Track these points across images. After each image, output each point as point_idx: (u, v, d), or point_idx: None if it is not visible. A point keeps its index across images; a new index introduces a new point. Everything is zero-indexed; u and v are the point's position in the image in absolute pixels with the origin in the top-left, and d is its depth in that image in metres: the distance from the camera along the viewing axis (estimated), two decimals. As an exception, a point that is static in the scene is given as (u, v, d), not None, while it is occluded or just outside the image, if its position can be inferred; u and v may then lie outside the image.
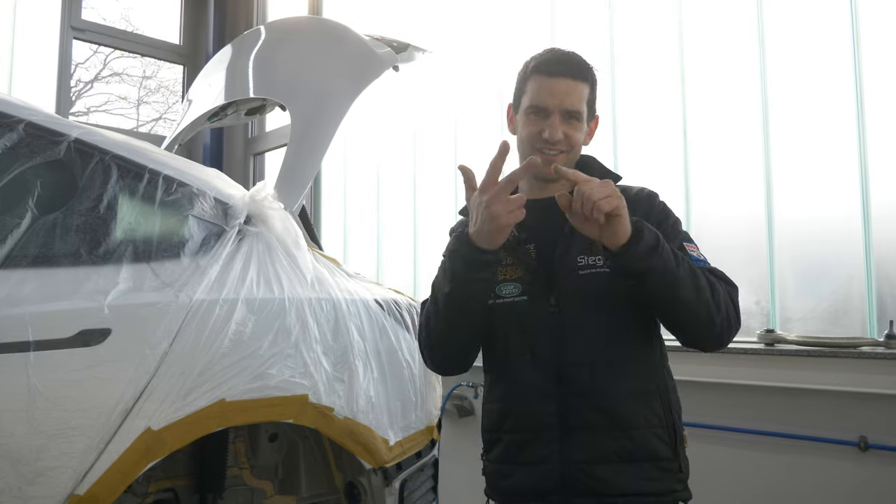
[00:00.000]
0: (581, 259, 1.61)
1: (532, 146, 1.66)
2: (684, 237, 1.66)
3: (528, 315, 1.63)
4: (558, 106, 1.62)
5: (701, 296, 1.49)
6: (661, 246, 1.45)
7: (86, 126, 2.03)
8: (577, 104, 1.64)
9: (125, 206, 1.99)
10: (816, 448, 2.71)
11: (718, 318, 1.51)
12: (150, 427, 1.71)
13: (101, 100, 6.75)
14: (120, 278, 1.81)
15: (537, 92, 1.65)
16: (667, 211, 1.70)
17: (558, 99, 1.62)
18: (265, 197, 2.33)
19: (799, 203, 2.95)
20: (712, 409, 2.93)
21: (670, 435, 1.61)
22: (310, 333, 2.08)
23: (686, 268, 1.48)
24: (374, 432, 2.17)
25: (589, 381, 1.58)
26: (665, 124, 3.34)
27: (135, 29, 6.04)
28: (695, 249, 1.64)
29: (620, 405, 1.57)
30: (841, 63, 2.83)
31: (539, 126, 1.64)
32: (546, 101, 1.63)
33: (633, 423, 1.57)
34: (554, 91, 1.63)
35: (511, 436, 1.66)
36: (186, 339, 1.82)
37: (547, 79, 1.64)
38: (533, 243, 1.66)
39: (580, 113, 1.65)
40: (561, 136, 1.62)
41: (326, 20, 3.18)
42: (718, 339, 1.57)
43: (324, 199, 5.22)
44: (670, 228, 1.64)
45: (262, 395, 1.92)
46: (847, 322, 2.80)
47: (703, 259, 1.64)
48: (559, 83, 1.63)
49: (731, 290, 1.60)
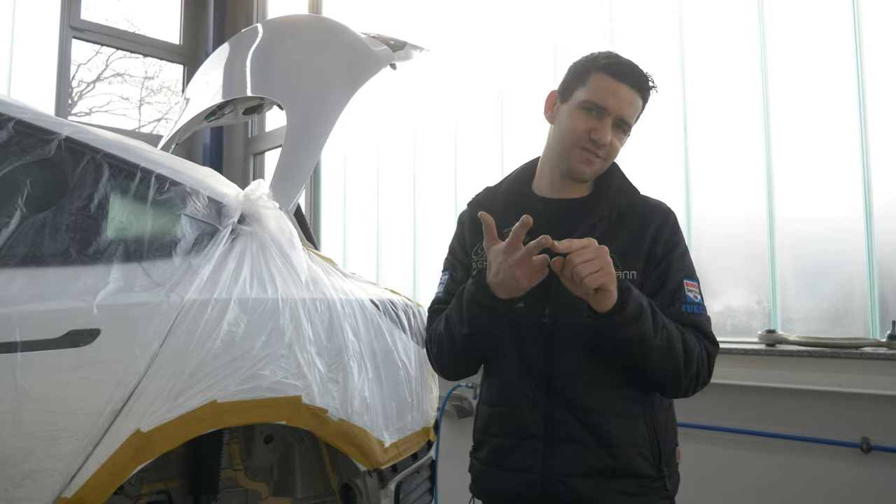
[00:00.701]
0: None
1: (574, 143, 1.62)
2: (687, 273, 1.64)
3: (522, 322, 1.62)
4: (617, 111, 1.59)
5: (672, 362, 1.51)
6: (642, 317, 1.45)
7: (77, 124, 2.01)
8: (631, 116, 1.62)
9: (117, 205, 1.97)
10: (818, 450, 2.69)
11: (686, 379, 1.55)
12: (139, 429, 1.68)
13: (104, 100, 6.76)
14: (110, 278, 1.79)
15: (600, 90, 1.60)
16: (677, 239, 1.67)
17: (619, 104, 1.59)
18: (260, 196, 2.31)
19: (800, 201, 2.92)
20: (712, 409, 2.90)
21: (654, 454, 1.59)
22: (304, 334, 2.06)
23: (663, 338, 1.49)
24: (369, 434, 2.15)
25: (576, 395, 1.58)
26: (665, 122, 3.31)
27: (137, 30, 6.03)
28: (694, 288, 1.64)
29: (605, 422, 1.57)
30: (843, 60, 2.81)
31: (591, 124, 1.60)
32: (607, 102, 1.59)
33: (617, 441, 1.56)
34: (618, 95, 1.59)
35: (497, 440, 1.66)
36: (177, 340, 1.80)
37: (614, 81, 1.60)
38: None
39: (630, 126, 1.64)
40: (608, 142, 1.60)
41: (324, 18, 3.16)
42: (682, 395, 1.61)
43: (323, 199, 5.20)
44: (677, 260, 1.63)
45: (255, 397, 1.89)
46: (849, 322, 2.78)
47: (700, 303, 1.63)
48: (624, 90, 1.60)
49: (710, 348, 1.60)
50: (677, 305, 1.59)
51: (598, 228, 1.60)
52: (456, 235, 1.83)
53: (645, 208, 1.67)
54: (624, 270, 1.59)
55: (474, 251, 1.74)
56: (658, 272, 1.61)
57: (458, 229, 1.83)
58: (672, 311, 1.58)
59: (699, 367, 1.55)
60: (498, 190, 1.80)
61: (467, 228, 1.79)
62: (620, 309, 1.41)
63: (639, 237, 1.62)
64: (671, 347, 1.50)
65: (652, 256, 1.62)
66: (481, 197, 1.82)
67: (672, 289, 1.61)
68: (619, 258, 1.57)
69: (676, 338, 1.51)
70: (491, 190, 1.82)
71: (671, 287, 1.61)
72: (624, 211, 1.65)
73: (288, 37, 3.06)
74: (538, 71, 3.85)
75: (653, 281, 1.61)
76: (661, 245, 1.62)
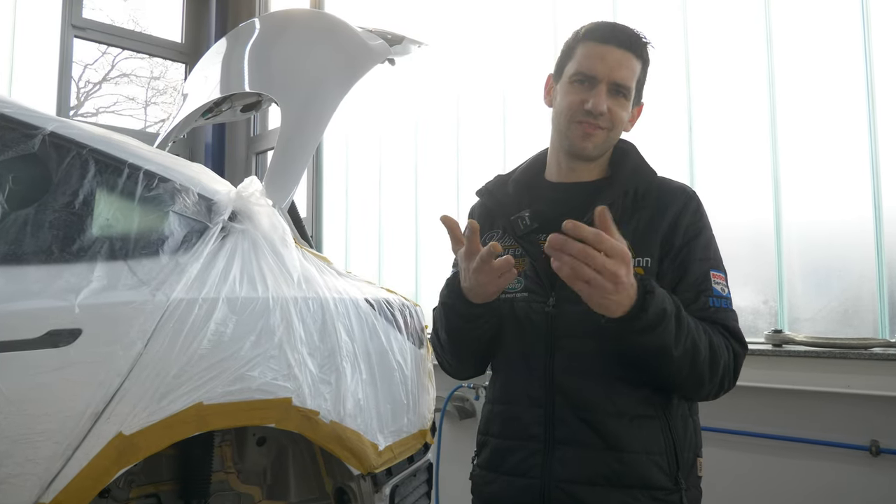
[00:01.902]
0: None
1: (571, 118, 1.53)
2: (714, 264, 1.52)
3: (525, 313, 1.54)
4: (607, 76, 1.49)
5: (694, 371, 1.39)
6: (663, 324, 1.31)
7: (62, 119, 1.96)
8: (627, 78, 1.51)
9: (102, 202, 1.92)
10: (826, 453, 2.64)
11: (709, 386, 1.43)
12: (121, 432, 1.63)
13: (110, 101, 6.78)
14: (94, 276, 1.74)
15: (586, 58, 1.52)
16: (701, 225, 1.54)
17: (608, 68, 1.49)
18: (252, 193, 2.26)
19: (808, 198, 2.88)
20: (716, 411, 2.79)
21: (671, 464, 1.46)
22: (295, 334, 2.00)
23: (687, 346, 1.35)
24: (363, 437, 2.09)
25: (579, 392, 1.47)
26: (670, 124, 3.26)
27: (143, 29, 6.02)
28: (721, 280, 1.51)
29: (613, 424, 1.45)
30: (851, 57, 2.76)
31: (583, 95, 1.50)
32: (595, 69, 1.50)
33: (628, 446, 1.44)
34: (605, 58, 1.50)
35: (496, 441, 1.57)
36: (162, 340, 1.75)
37: (600, 45, 1.51)
38: (544, 234, 1.54)
39: (629, 89, 1.53)
40: (605, 110, 1.49)
41: (320, 13, 3.12)
42: (702, 399, 1.51)
43: (325, 194, 5.16)
44: (700, 248, 1.51)
45: (243, 398, 1.83)
46: (858, 322, 2.73)
47: (727, 296, 1.51)
48: (612, 52, 1.50)
49: (738, 351, 1.48)
50: (703, 299, 1.47)
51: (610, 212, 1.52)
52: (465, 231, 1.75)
53: (663, 191, 1.56)
54: (637, 257, 1.46)
55: (482, 241, 1.66)
56: (678, 262, 1.50)
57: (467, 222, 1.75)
58: (697, 307, 1.46)
59: (724, 374, 1.44)
60: (510, 178, 1.72)
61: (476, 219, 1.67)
62: (639, 314, 1.28)
63: (655, 222, 1.51)
64: (695, 356, 1.37)
65: (669, 244, 1.50)
66: (492, 185, 1.73)
67: (696, 280, 1.48)
68: (632, 244, 1.44)
69: (703, 344, 1.38)
70: (503, 178, 1.73)
71: (695, 278, 1.49)
72: (640, 193, 1.55)
73: (284, 32, 3.00)
74: (541, 65, 3.79)
75: (672, 271, 1.49)
76: (680, 232, 1.51)
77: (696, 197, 1.58)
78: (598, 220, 1.22)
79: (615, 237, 1.22)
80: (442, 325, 1.58)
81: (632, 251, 1.46)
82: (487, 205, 1.70)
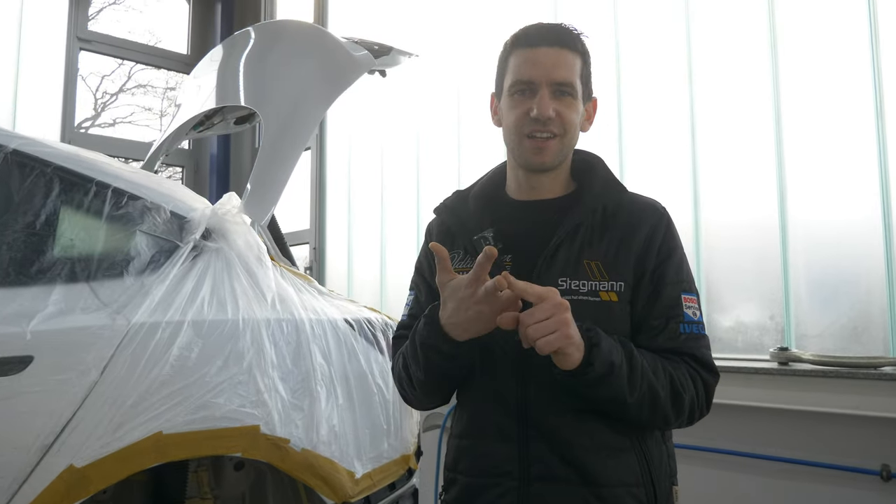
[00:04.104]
0: (563, 282, 1.39)
1: (520, 132, 1.43)
2: (685, 286, 1.44)
3: (494, 342, 1.42)
4: (546, 78, 1.40)
5: (656, 412, 1.34)
6: (612, 376, 1.28)
7: (26, 137, 1.91)
8: (568, 75, 1.41)
9: (66, 222, 1.87)
10: (834, 476, 2.52)
11: (676, 421, 1.38)
12: (72, 464, 1.56)
13: (127, 111, 6.81)
14: (50, 300, 1.68)
15: (520, 65, 1.42)
16: (672, 244, 1.46)
17: (544, 70, 1.40)
18: (228, 210, 2.19)
19: (814, 211, 2.77)
20: (720, 431, 2.75)
21: (649, 494, 1.38)
22: (266, 358, 1.93)
23: (643, 392, 1.31)
24: (337, 465, 2.00)
25: (554, 426, 1.37)
26: (672, 125, 3.16)
27: (157, 42, 6.03)
28: (693, 304, 1.44)
29: (590, 458, 1.37)
30: (858, 56, 2.65)
31: (526, 105, 1.41)
32: (531, 74, 1.40)
33: (605, 480, 1.36)
34: (539, 61, 1.40)
35: (466, 478, 1.46)
36: (120, 367, 1.68)
37: (531, 49, 1.42)
38: (509, 254, 1.44)
39: (572, 86, 1.42)
40: (552, 114, 1.39)
41: (306, 24, 3.06)
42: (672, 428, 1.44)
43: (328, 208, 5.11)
44: (673, 270, 1.43)
45: (206, 427, 1.76)
46: (867, 339, 2.61)
47: (699, 321, 1.44)
48: (545, 52, 1.41)
49: (708, 380, 1.41)
50: (672, 325, 1.40)
51: (579, 232, 1.42)
52: (423, 249, 1.63)
53: (634, 209, 1.46)
54: (610, 281, 1.39)
55: None
56: (652, 286, 1.42)
57: (425, 240, 1.63)
58: (667, 335, 1.39)
59: (692, 407, 1.37)
60: (469, 193, 1.60)
61: (435, 238, 1.59)
62: (585, 370, 1.25)
63: (627, 243, 1.42)
64: (654, 400, 1.32)
65: (643, 266, 1.42)
66: (451, 201, 1.61)
67: (667, 305, 1.41)
68: (604, 267, 1.39)
69: (662, 384, 1.33)
70: (462, 194, 1.62)
71: (666, 303, 1.41)
72: (609, 212, 1.45)
73: (275, 45, 2.95)
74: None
75: (646, 296, 1.41)
76: (654, 253, 1.42)
77: (666, 214, 1.49)
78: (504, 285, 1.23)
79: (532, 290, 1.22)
80: (418, 366, 1.44)
81: (604, 274, 1.38)
82: (447, 222, 1.59)
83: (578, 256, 1.39)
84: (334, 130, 5.13)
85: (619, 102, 3.36)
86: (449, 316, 1.31)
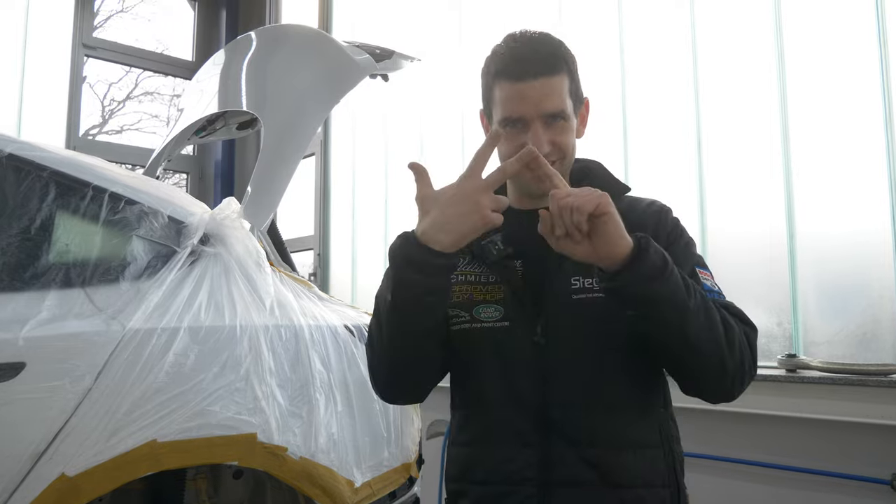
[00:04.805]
0: (576, 281, 1.35)
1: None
2: (698, 262, 1.40)
3: (508, 344, 1.37)
4: (536, 112, 1.35)
5: (713, 334, 1.22)
6: (669, 268, 1.18)
7: (22, 141, 1.89)
8: (558, 104, 1.37)
9: (62, 227, 1.85)
10: (843, 486, 2.49)
11: (731, 363, 1.24)
12: (64, 473, 1.53)
13: (134, 118, 6.84)
14: (44, 306, 1.66)
15: (507, 101, 1.38)
16: (679, 229, 1.43)
17: (533, 104, 1.35)
18: (227, 215, 2.16)
19: (823, 215, 2.73)
20: (727, 439, 2.73)
21: (674, 496, 1.34)
22: (263, 364, 1.90)
23: (698, 299, 1.21)
24: (336, 473, 1.97)
25: (577, 427, 1.32)
26: (678, 133, 3.13)
27: (164, 49, 6.04)
28: (709, 277, 1.38)
29: (615, 458, 1.31)
30: (866, 62, 2.62)
31: (519, 139, 1.36)
32: (520, 111, 1.36)
33: (629, 481, 1.31)
34: (526, 96, 1.35)
35: (480, 488, 1.39)
36: (114, 374, 1.65)
37: (515, 84, 1.37)
38: (520, 259, 1.41)
39: (564, 112, 1.38)
40: (548, 148, 1.35)
41: (307, 28, 3.03)
42: (728, 390, 1.29)
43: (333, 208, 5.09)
44: (682, 250, 1.38)
45: (201, 435, 1.73)
46: (877, 346, 2.57)
47: (718, 290, 1.37)
48: (531, 86, 1.35)
49: (748, 331, 1.32)
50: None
51: None
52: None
53: (637, 211, 1.43)
54: None
55: None
56: None
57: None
58: None
59: (742, 350, 1.26)
60: None
61: None
62: (640, 254, 1.16)
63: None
64: (709, 312, 1.22)
65: None
66: None
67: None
68: None
69: (711, 305, 1.24)
70: None
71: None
72: None
73: (276, 48, 2.93)
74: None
75: None
76: (663, 237, 1.37)
77: (668, 209, 1.46)
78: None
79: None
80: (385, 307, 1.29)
81: None
82: None
83: None
84: (338, 136, 5.12)
85: (623, 112, 3.34)
86: (432, 220, 1.20)
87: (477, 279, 1.41)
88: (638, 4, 3.36)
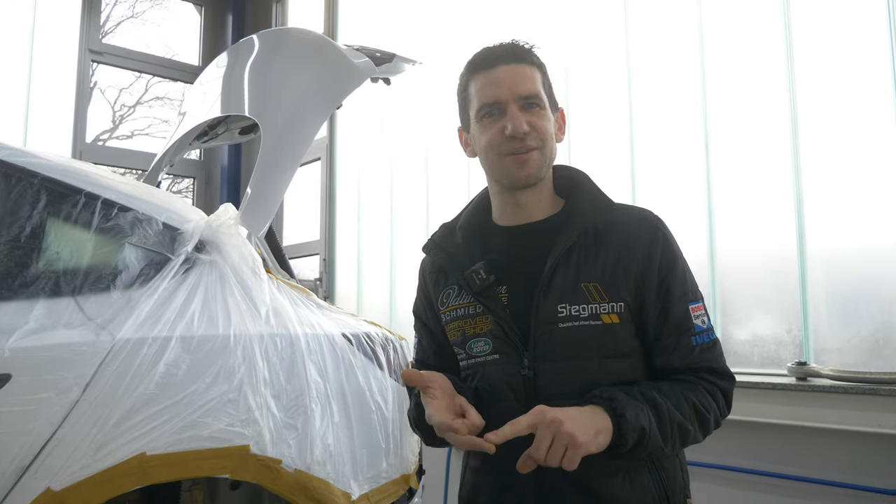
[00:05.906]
0: (562, 309, 1.34)
1: (498, 152, 1.39)
2: (691, 296, 1.40)
3: (499, 378, 1.39)
4: (511, 94, 1.38)
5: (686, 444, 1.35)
6: (646, 437, 1.25)
7: (13, 147, 1.86)
8: (532, 88, 1.39)
9: (53, 234, 1.82)
10: (854, 497, 2.43)
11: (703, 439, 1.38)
12: (50, 487, 1.50)
13: (145, 123, 6.88)
14: (31, 315, 1.63)
15: (482, 89, 1.41)
16: (671, 255, 1.41)
17: (508, 87, 1.38)
18: (223, 222, 2.13)
19: (834, 218, 2.67)
20: (736, 448, 2.67)
21: None
22: (258, 374, 1.86)
23: (675, 435, 1.30)
24: (332, 486, 1.93)
25: None
26: (686, 147, 3.08)
27: (174, 55, 6.05)
28: (700, 311, 1.40)
29: (605, 482, 1.34)
30: (877, 71, 2.56)
31: (497, 125, 1.38)
32: (496, 94, 1.38)
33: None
34: (500, 80, 1.39)
35: None
36: (103, 385, 1.62)
37: (486, 72, 1.41)
38: (505, 285, 1.40)
39: (539, 97, 1.40)
40: (527, 128, 1.36)
41: (307, 31, 3.00)
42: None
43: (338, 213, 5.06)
44: (677, 285, 1.38)
45: (192, 447, 1.69)
46: (889, 353, 2.50)
47: (708, 328, 1.40)
48: (503, 71, 1.40)
49: (725, 388, 1.39)
50: (685, 341, 1.36)
51: (573, 255, 1.36)
52: (419, 290, 1.60)
53: (627, 223, 1.41)
54: (611, 303, 1.34)
55: (439, 301, 1.50)
56: (660, 304, 1.37)
57: (419, 282, 1.60)
58: (681, 351, 1.35)
59: (717, 420, 1.37)
60: (456, 225, 1.56)
61: (428, 278, 1.56)
62: (618, 444, 1.23)
63: (625, 262, 1.36)
64: (684, 436, 1.31)
65: (646, 286, 1.36)
66: (438, 237, 1.58)
67: (677, 320, 1.36)
68: (603, 288, 1.33)
69: (690, 420, 1.31)
70: (448, 226, 1.58)
71: (675, 319, 1.36)
72: (602, 230, 1.39)
73: (276, 51, 2.90)
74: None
75: (654, 315, 1.37)
76: (654, 270, 1.37)
77: (661, 224, 1.43)
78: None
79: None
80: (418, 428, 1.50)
81: (604, 296, 1.34)
82: (437, 261, 1.54)
83: (575, 280, 1.34)
84: (344, 140, 5.09)
85: (630, 124, 3.29)
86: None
87: (466, 312, 1.44)
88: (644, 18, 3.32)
